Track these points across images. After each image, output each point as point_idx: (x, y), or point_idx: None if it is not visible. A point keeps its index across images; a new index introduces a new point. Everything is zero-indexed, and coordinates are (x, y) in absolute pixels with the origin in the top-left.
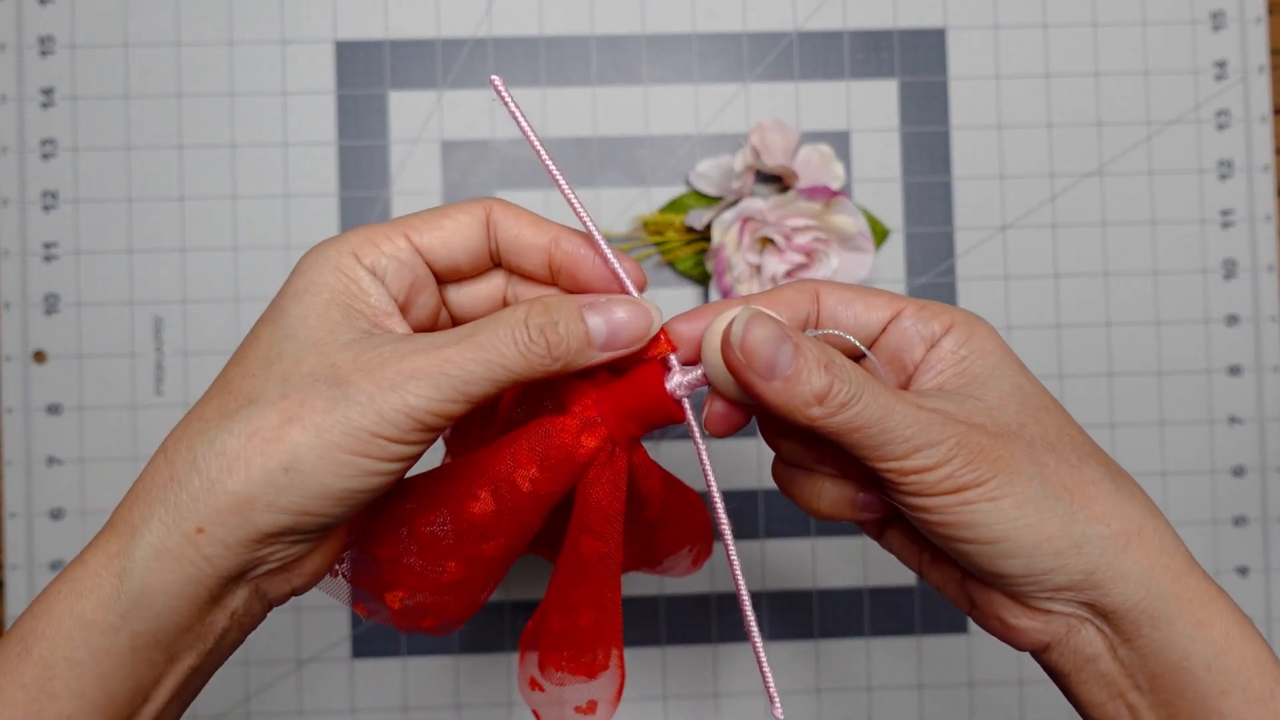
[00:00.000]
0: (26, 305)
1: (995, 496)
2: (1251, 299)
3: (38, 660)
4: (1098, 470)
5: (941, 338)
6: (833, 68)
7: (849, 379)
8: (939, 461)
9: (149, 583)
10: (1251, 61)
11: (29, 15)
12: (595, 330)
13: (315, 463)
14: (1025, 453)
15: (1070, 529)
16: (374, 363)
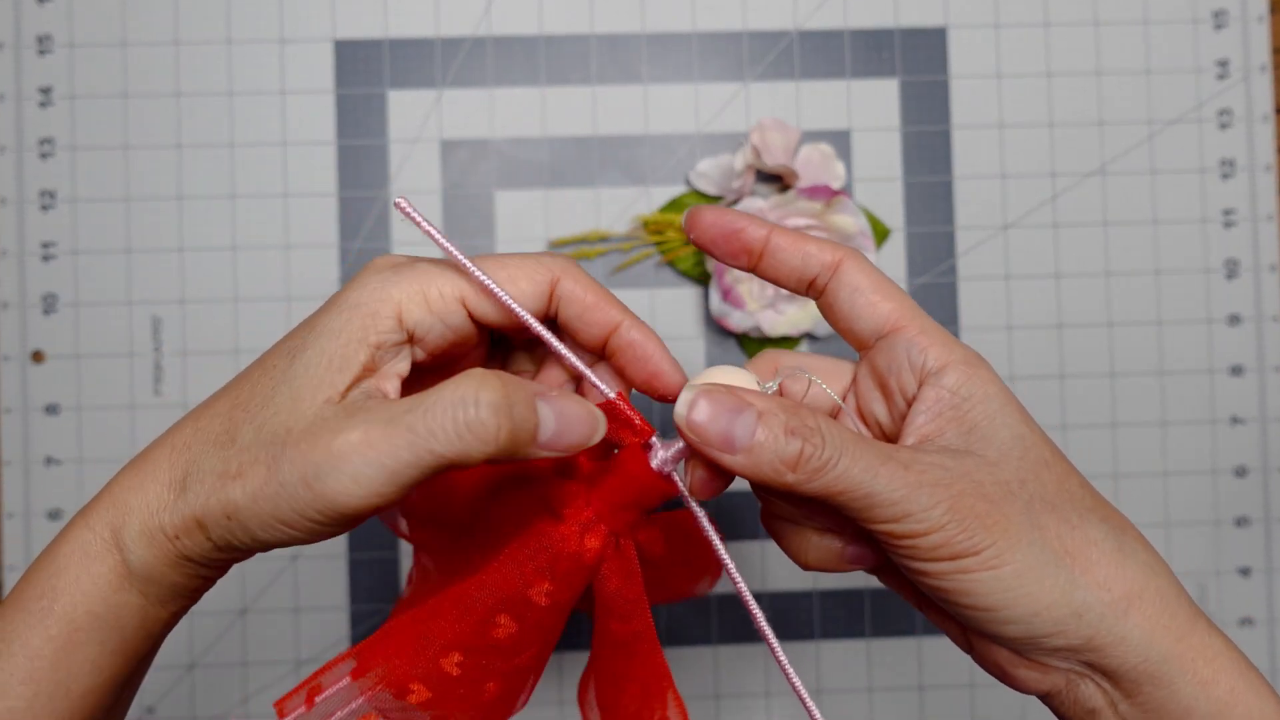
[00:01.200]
0: (24, 305)
1: (994, 565)
2: (1254, 299)
3: (61, 615)
4: (1099, 529)
5: (938, 373)
6: (833, 67)
7: (823, 441)
8: (931, 528)
9: (144, 557)
10: (1253, 60)
11: (27, 14)
12: (544, 423)
13: (249, 519)
14: (1024, 515)
15: (1070, 596)
16: (315, 439)
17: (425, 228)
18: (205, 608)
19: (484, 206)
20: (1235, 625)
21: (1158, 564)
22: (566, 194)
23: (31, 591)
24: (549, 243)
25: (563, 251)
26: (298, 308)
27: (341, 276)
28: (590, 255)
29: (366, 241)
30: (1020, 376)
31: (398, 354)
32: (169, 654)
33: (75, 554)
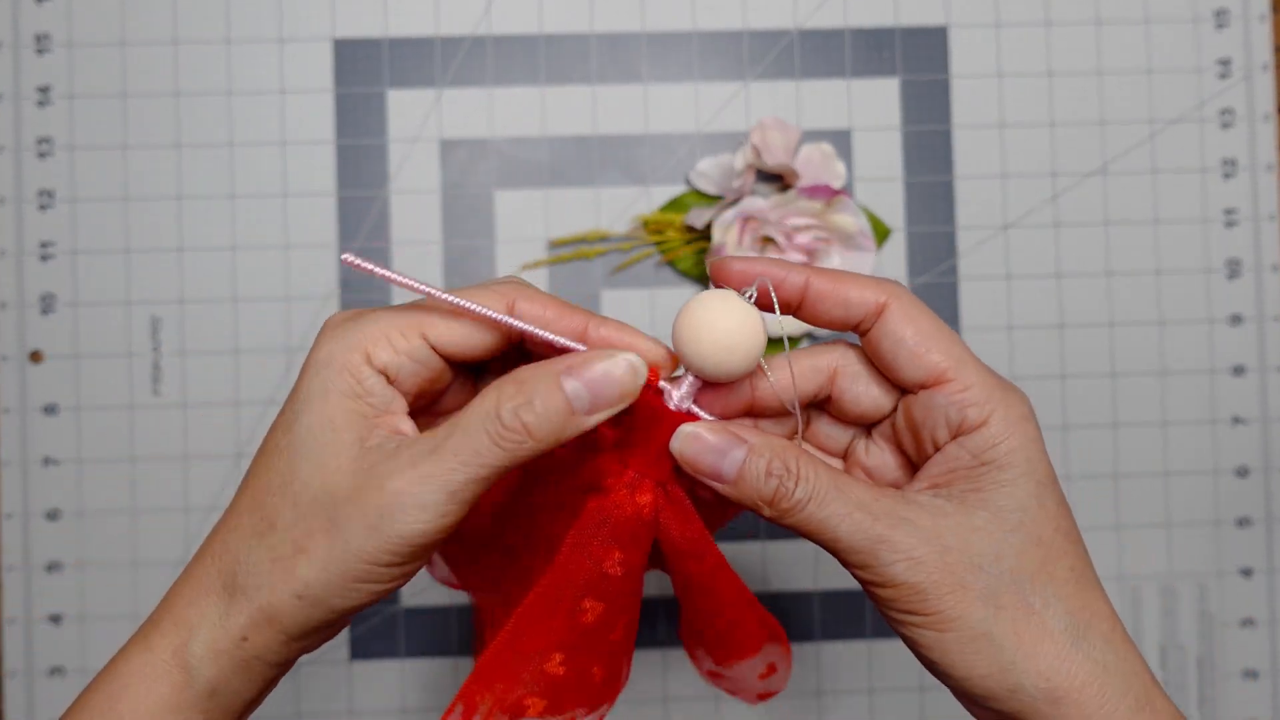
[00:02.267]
0: (23, 305)
1: (940, 628)
2: (1255, 298)
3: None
4: (1061, 620)
5: (974, 429)
6: (834, 66)
7: (796, 485)
8: (888, 582)
9: (211, 676)
10: (1255, 60)
11: (25, 13)
12: (576, 396)
13: (324, 591)
14: (983, 591)
15: (1008, 676)
16: (366, 487)
17: (379, 273)
18: None
19: (484, 206)
20: (1237, 626)
21: (1118, 659)
22: (566, 193)
23: (92, 713)
24: (549, 242)
25: (562, 251)
26: (297, 308)
27: (341, 277)
28: (590, 255)
29: (366, 241)
30: (1021, 376)
31: (390, 396)
32: None
33: (136, 675)
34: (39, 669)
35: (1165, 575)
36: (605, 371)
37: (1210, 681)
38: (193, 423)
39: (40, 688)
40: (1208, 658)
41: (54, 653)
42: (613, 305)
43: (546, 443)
